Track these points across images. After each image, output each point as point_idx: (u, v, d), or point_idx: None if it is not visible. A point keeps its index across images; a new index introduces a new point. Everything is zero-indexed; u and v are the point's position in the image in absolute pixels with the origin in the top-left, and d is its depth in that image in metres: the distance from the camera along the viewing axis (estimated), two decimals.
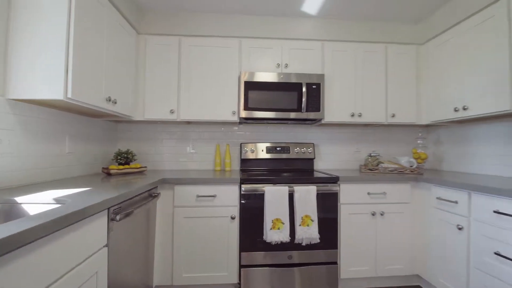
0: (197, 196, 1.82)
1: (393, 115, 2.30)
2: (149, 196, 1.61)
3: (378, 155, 2.35)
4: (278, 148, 2.44)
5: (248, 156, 2.40)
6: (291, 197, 1.82)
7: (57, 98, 1.28)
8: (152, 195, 1.64)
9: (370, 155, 2.36)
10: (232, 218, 1.83)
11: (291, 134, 2.59)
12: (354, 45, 2.30)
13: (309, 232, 1.79)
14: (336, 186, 1.90)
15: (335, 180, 1.91)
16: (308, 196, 1.81)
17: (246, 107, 2.12)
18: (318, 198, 1.86)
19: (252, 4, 2.13)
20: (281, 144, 2.46)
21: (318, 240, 1.80)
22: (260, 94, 2.13)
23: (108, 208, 1.11)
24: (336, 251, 1.89)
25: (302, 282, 1.84)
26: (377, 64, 2.31)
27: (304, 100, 2.12)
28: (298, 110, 2.16)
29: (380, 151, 2.65)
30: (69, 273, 0.86)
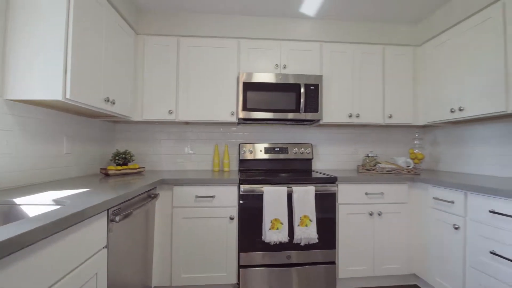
0: (196, 197, 1.82)
1: (391, 116, 2.32)
2: (148, 197, 1.61)
3: (376, 156, 2.37)
4: (277, 149, 2.45)
5: (247, 157, 2.41)
6: (290, 198, 1.83)
7: (56, 99, 1.27)
8: (151, 196, 1.64)
9: (368, 156, 2.38)
10: (231, 219, 1.83)
11: (290, 135, 2.60)
12: (352, 46, 2.31)
13: (308, 232, 1.80)
14: (334, 187, 1.91)
15: (333, 181, 1.93)
16: (307, 197, 1.82)
17: (245, 108, 2.13)
18: (317, 199, 1.87)
19: (251, 5, 2.13)
20: (280, 145, 2.47)
21: (317, 240, 1.81)
22: (259, 95, 2.14)
23: (108, 209, 1.11)
24: (334, 251, 1.90)
25: (301, 282, 1.85)
26: (375, 65, 2.33)
27: (303, 101, 2.13)
28: (297, 111, 2.17)
29: (378, 152, 2.67)
30: (69, 275, 0.86)
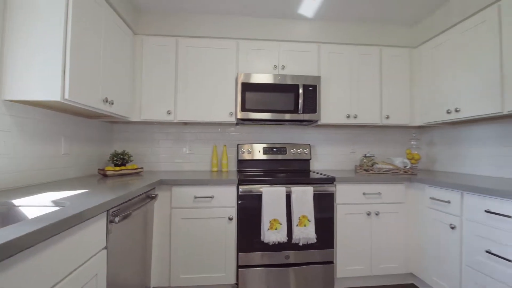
0: (195, 197, 1.82)
1: (388, 117, 2.34)
2: (147, 198, 1.61)
3: (373, 156, 2.39)
4: (275, 149, 2.46)
5: (245, 157, 2.41)
6: (288, 198, 1.84)
7: (54, 99, 1.26)
8: (150, 197, 1.64)
9: (365, 156, 2.40)
10: (230, 219, 1.84)
11: (288, 135, 2.61)
12: (350, 48, 2.33)
13: (306, 232, 1.81)
14: (332, 187, 1.93)
15: (331, 181, 1.94)
16: (305, 197, 1.83)
17: (243, 108, 2.13)
18: (315, 199, 1.88)
19: (250, 6, 2.14)
20: (278, 145, 2.47)
21: (315, 240, 1.82)
22: (257, 96, 2.15)
23: (107, 211, 1.11)
24: (332, 251, 1.91)
25: (299, 282, 1.86)
26: (372, 67, 2.35)
27: (301, 102, 2.14)
28: (295, 112, 2.18)
29: (375, 152, 2.69)
30: (69, 276, 0.85)
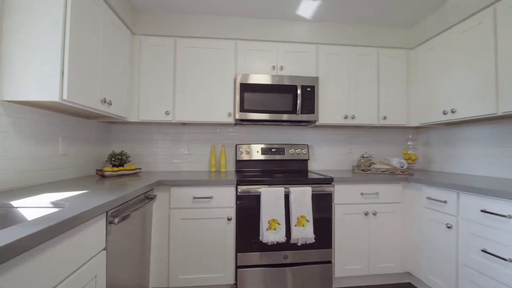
0: (194, 198, 1.82)
1: (385, 117, 2.36)
2: (146, 198, 1.61)
3: (371, 156, 2.41)
4: (273, 149, 2.47)
5: (243, 157, 2.42)
6: (287, 198, 1.85)
7: (53, 100, 1.26)
8: (149, 197, 1.64)
9: (363, 156, 2.42)
10: (229, 219, 1.84)
11: (286, 136, 2.62)
12: (348, 49, 2.34)
13: (305, 232, 1.82)
14: (331, 187, 1.94)
15: (330, 181, 1.95)
16: (304, 197, 1.84)
17: (242, 109, 2.14)
18: (313, 199, 1.89)
19: (248, 7, 2.14)
20: (276, 146, 2.48)
21: (313, 240, 1.83)
22: (256, 96, 2.15)
23: (107, 212, 1.11)
24: (331, 251, 1.93)
25: (298, 282, 1.87)
26: (370, 68, 2.37)
27: (299, 102, 2.15)
28: (293, 112, 2.19)
29: (372, 152, 2.71)
30: (69, 278, 0.85)
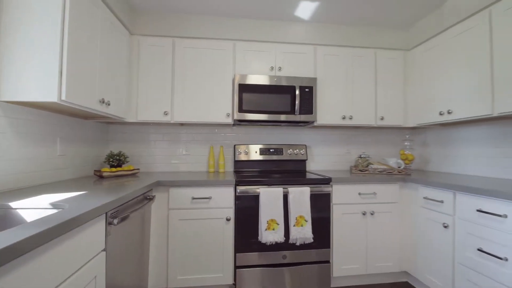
0: (192, 198, 1.82)
1: (382, 118, 2.38)
2: (145, 199, 1.61)
3: (368, 157, 2.43)
4: (271, 150, 2.47)
5: (242, 158, 2.42)
6: (286, 198, 1.86)
7: (51, 101, 1.25)
8: (148, 198, 1.63)
9: (360, 157, 2.43)
10: (228, 220, 1.84)
11: (284, 136, 2.63)
12: (345, 50, 2.36)
13: (303, 232, 1.83)
14: (329, 187, 1.95)
15: (328, 181, 1.96)
16: (302, 197, 1.85)
17: (240, 109, 2.14)
18: (312, 199, 1.90)
19: (247, 7, 2.15)
20: (274, 146, 2.49)
21: (312, 240, 1.84)
22: (254, 97, 2.16)
23: (106, 212, 1.10)
24: (329, 250, 1.94)
25: (296, 281, 1.88)
26: (367, 69, 2.38)
27: (297, 103, 2.16)
28: (292, 113, 2.20)
29: (370, 153, 2.73)
30: (69, 279, 0.85)
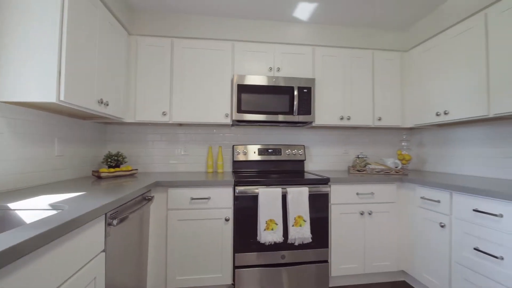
0: (191, 199, 1.82)
1: (380, 119, 2.40)
2: (144, 200, 1.60)
3: (366, 157, 2.45)
4: (270, 150, 2.48)
5: (240, 158, 2.42)
6: (284, 198, 1.87)
7: (50, 101, 1.25)
8: (146, 198, 1.63)
9: (358, 157, 2.45)
10: (226, 220, 1.85)
11: (282, 136, 2.63)
12: (344, 51, 2.37)
13: (302, 232, 1.84)
14: (327, 187, 1.96)
15: (326, 181, 1.98)
16: (301, 197, 1.86)
17: (239, 110, 2.14)
18: (310, 199, 1.91)
19: (246, 8, 2.15)
20: (273, 146, 2.50)
21: (310, 240, 1.85)
22: (253, 97, 2.16)
23: (106, 213, 1.10)
24: (327, 250, 1.95)
25: (295, 281, 1.89)
26: (365, 70, 2.40)
27: (296, 103, 2.17)
28: (290, 113, 2.20)
29: (367, 153, 2.75)
30: (69, 280, 0.85)
